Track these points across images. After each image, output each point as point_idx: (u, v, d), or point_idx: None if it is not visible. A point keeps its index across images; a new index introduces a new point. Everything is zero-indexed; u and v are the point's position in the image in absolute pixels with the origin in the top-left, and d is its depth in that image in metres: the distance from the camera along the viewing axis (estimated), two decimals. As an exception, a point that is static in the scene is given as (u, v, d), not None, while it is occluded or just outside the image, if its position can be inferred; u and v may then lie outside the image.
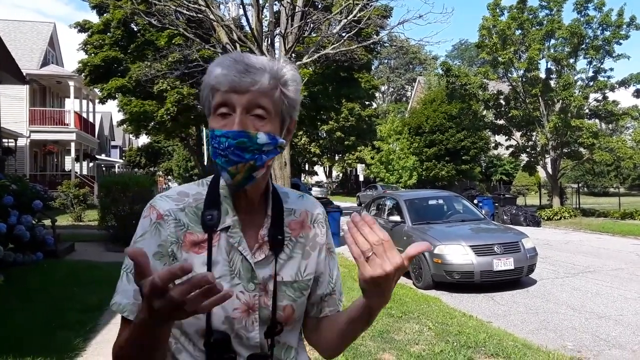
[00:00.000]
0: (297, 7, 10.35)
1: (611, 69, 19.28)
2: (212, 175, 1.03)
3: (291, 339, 1.03)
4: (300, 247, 1.04)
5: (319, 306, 1.08)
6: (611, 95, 19.17)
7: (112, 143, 51.10)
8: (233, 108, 0.91)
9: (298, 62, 11.02)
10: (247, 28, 11.10)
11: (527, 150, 20.67)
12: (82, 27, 21.56)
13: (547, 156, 19.56)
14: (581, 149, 19.07)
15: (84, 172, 27.94)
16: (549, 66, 19.32)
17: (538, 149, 19.84)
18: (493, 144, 24.93)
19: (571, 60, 18.60)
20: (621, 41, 17.80)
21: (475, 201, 16.32)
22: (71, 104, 24.27)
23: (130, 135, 36.36)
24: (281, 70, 0.95)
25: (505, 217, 16.68)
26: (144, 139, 42.20)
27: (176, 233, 0.95)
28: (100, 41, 20.74)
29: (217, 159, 0.92)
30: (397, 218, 8.63)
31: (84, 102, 26.77)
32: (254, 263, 0.97)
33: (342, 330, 1.03)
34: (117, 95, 21.12)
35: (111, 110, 45.25)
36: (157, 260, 0.93)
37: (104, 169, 39.07)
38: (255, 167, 0.93)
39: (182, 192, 1.01)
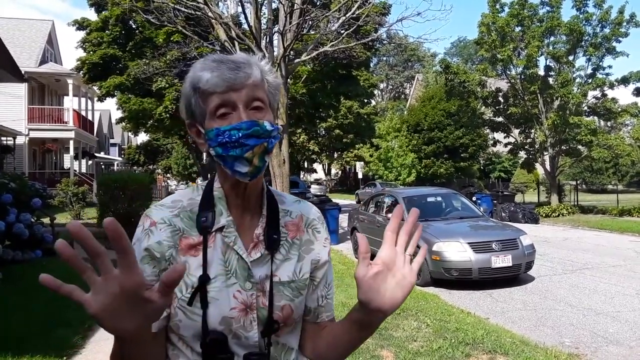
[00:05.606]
0: (295, 5, 10.32)
1: (610, 67, 19.25)
2: (207, 181, 1.04)
3: (291, 341, 1.03)
4: (296, 248, 1.04)
5: (316, 311, 1.07)
6: (611, 93, 19.19)
7: (111, 141, 51.01)
8: (233, 106, 0.92)
9: (297, 60, 11.02)
10: (246, 25, 11.10)
11: (526, 147, 20.66)
12: (81, 24, 21.55)
13: (545, 153, 19.56)
14: (579, 146, 19.06)
15: (83, 170, 27.94)
16: (547, 63, 19.32)
17: (536, 146, 19.83)
18: (491, 142, 24.90)
19: (570, 58, 18.58)
20: (621, 39, 17.78)
21: (474, 198, 16.33)
22: (70, 102, 24.24)
23: (129, 133, 36.39)
24: (260, 61, 0.99)
25: (503, 214, 16.70)
26: (142, 137, 42.28)
27: (173, 238, 0.96)
28: (99, 39, 20.73)
29: (229, 152, 0.91)
30: (395, 215, 8.62)
31: (83, 100, 26.72)
32: (249, 262, 0.96)
33: (337, 340, 1.01)
34: (115, 93, 21.13)
35: (110, 108, 45.30)
36: (145, 264, 0.93)
37: (102, 167, 39.00)
38: (268, 150, 0.94)
39: (175, 199, 1.01)
